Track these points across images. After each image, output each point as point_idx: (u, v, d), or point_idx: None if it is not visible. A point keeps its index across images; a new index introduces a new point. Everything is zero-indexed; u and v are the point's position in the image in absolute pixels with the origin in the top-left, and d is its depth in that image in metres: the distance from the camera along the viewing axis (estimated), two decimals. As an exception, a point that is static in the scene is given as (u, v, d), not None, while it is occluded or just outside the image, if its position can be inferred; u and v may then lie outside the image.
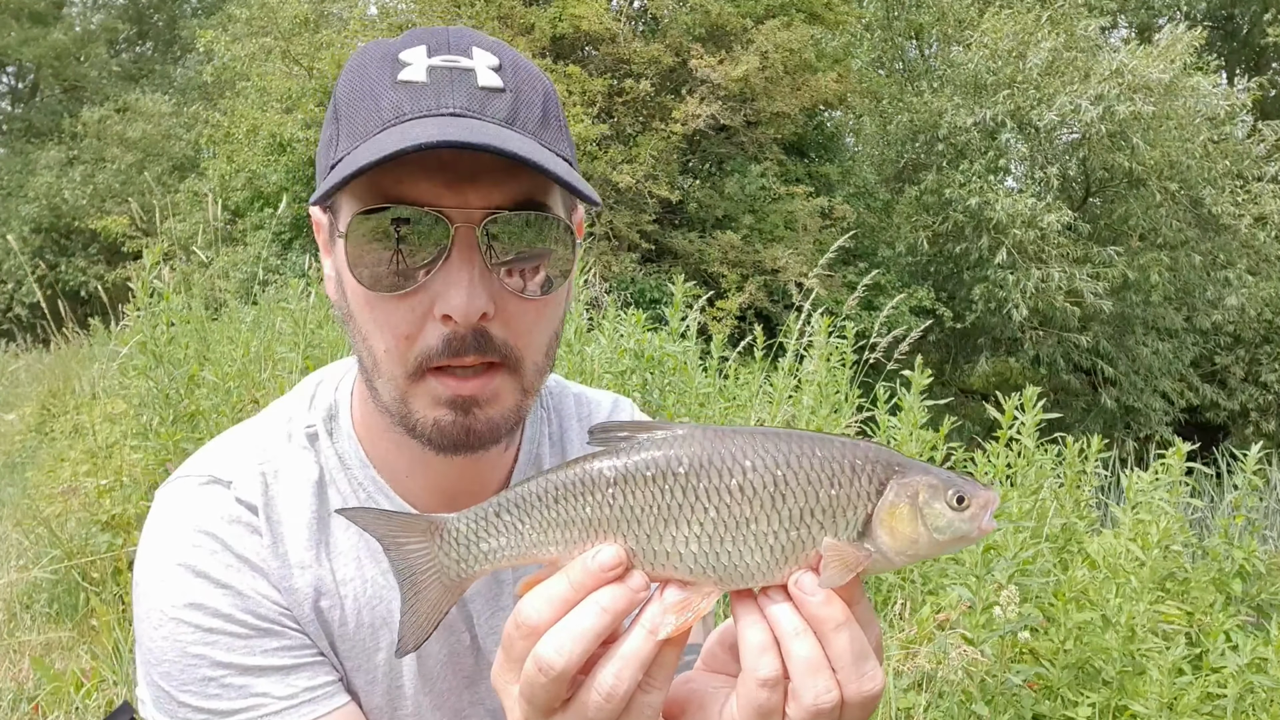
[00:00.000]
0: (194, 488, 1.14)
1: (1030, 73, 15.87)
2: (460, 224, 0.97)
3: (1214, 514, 4.93)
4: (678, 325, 4.70)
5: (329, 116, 1.06)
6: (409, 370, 1.01)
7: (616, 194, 14.14)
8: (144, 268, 4.62)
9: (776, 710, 0.81)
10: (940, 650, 3.14)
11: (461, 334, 0.99)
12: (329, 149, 1.04)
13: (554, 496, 0.83)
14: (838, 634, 0.80)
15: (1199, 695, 2.96)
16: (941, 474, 0.84)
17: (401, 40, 1.06)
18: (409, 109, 0.99)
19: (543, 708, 0.82)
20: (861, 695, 0.81)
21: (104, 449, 5.29)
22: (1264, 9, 23.52)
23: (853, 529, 0.82)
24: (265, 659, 1.07)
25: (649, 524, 0.81)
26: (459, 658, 1.21)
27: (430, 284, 0.98)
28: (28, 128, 28.47)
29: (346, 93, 1.03)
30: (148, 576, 1.09)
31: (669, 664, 0.82)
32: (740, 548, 0.81)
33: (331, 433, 1.18)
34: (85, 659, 3.89)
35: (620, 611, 0.80)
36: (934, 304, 15.79)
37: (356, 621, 1.14)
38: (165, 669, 1.07)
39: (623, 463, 0.81)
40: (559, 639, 0.79)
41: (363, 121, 1.00)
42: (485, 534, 0.85)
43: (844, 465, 0.82)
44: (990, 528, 0.85)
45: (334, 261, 1.06)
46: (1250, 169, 16.70)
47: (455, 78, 1.01)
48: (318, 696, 1.09)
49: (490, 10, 14.71)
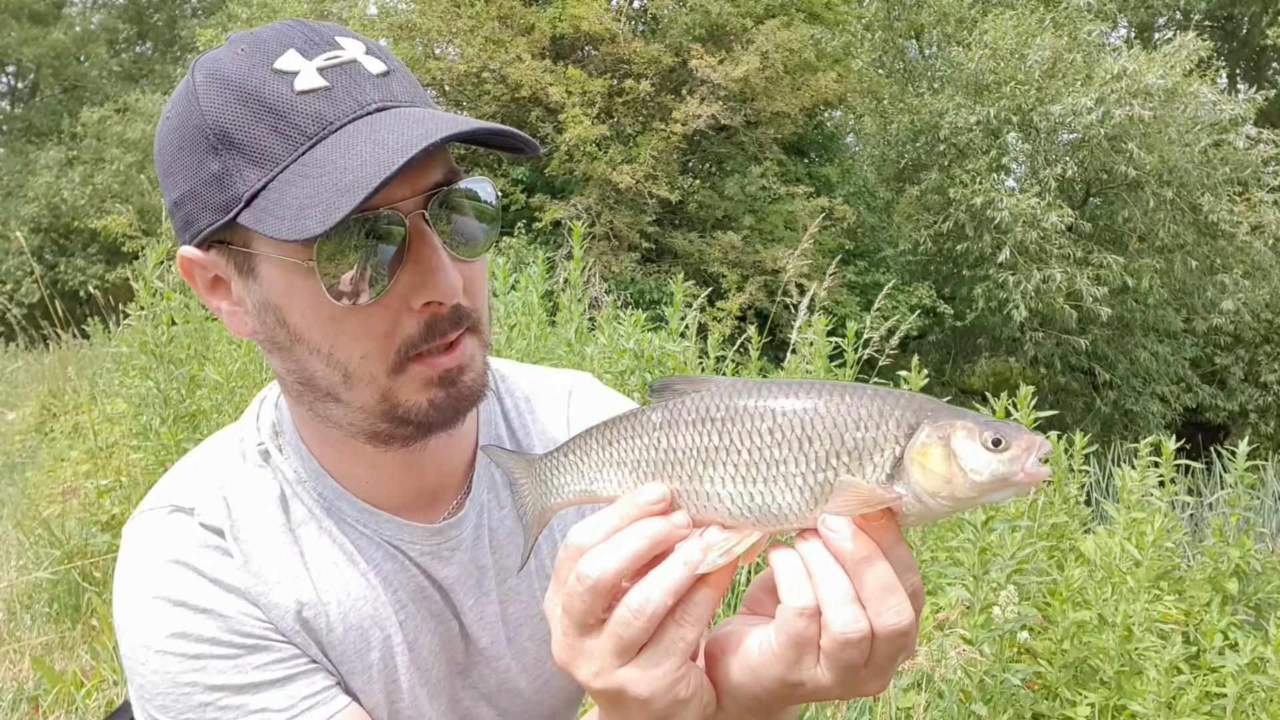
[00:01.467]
0: (159, 520, 1.13)
1: (1032, 73, 15.88)
2: (411, 213, 0.98)
3: (1208, 512, 4.94)
4: (677, 325, 4.70)
5: (202, 147, 0.99)
6: (390, 366, 1.02)
7: (616, 194, 14.15)
8: (145, 267, 4.63)
9: (812, 640, 0.84)
10: (939, 650, 3.15)
11: (443, 315, 1.02)
12: (223, 182, 0.98)
13: (609, 439, 0.91)
14: (862, 568, 0.82)
15: (1198, 694, 2.96)
16: (980, 418, 0.84)
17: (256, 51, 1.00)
18: (332, 115, 0.97)
19: (579, 621, 0.86)
20: (888, 629, 0.82)
21: (104, 449, 5.30)
22: (1264, 10, 23.54)
23: (881, 470, 0.83)
24: (258, 674, 1.07)
25: (690, 466, 0.87)
26: (450, 646, 1.22)
27: (400, 279, 0.99)
28: (27, 128, 28.49)
29: (230, 116, 0.97)
30: (127, 614, 1.09)
31: (704, 603, 0.85)
32: (772, 488, 0.85)
33: (281, 449, 1.18)
34: (85, 659, 3.89)
35: (659, 539, 0.85)
36: (934, 302, 15.80)
37: (344, 625, 1.14)
38: (160, 702, 1.06)
39: (669, 409, 0.89)
40: (599, 553, 0.84)
41: (276, 142, 0.96)
42: (557, 470, 0.95)
43: (872, 409, 0.84)
44: (1040, 473, 0.83)
45: (258, 293, 1.03)
46: (1250, 177, 16.68)
47: (350, 72, 1.00)
48: (318, 702, 1.09)
49: (490, 10, 14.72)
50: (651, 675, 0.84)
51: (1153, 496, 3.69)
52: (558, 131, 14.12)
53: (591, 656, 0.86)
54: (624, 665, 0.85)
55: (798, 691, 0.87)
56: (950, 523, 3.85)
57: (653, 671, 0.84)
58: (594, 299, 7.08)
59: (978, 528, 2.90)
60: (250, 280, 1.03)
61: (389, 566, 1.17)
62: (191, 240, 1.05)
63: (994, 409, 4.01)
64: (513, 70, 14.26)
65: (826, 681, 0.85)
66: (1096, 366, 16.83)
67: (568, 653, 0.88)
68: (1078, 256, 15.67)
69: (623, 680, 0.85)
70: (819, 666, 0.85)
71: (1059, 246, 15.52)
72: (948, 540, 3.75)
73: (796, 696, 0.89)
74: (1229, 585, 3.59)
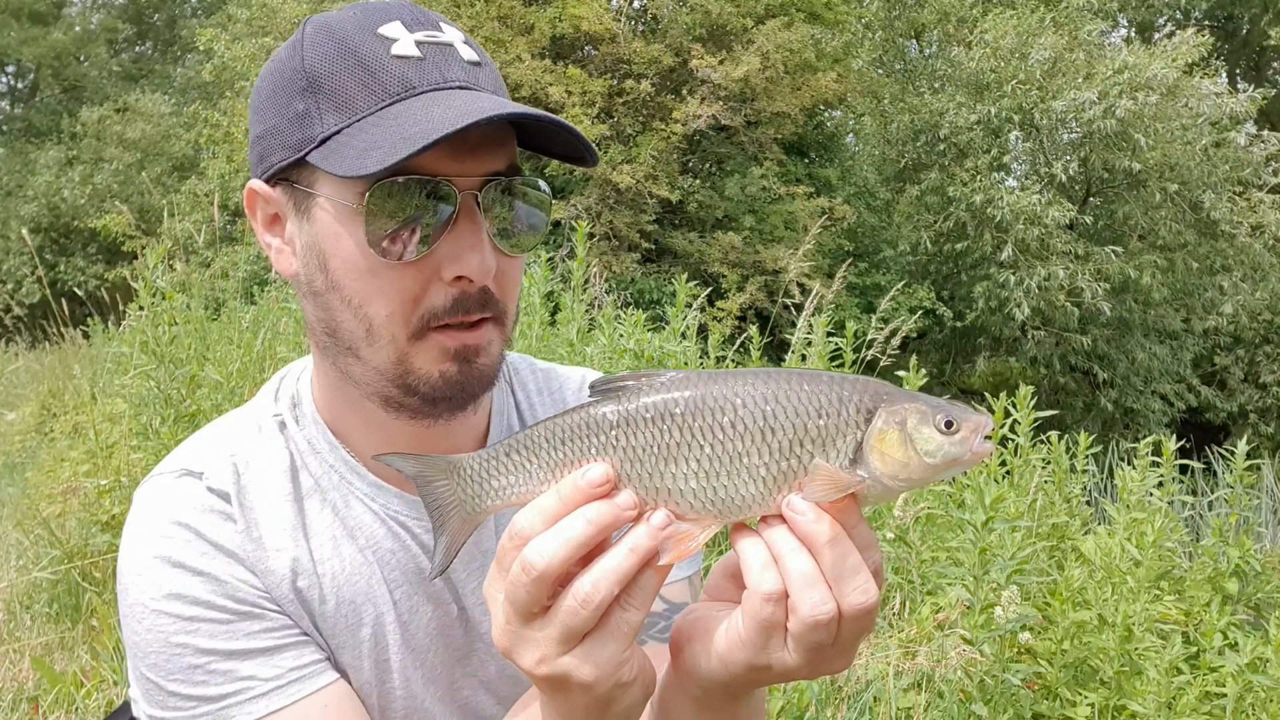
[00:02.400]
0: (168, 483, 1.16)
1: (1033, 71, 15.88)
2: (465, 191, 1.02)
3: (1208, 511, 4.94)
4: (679, 325, 4.70)
5: (294, 89, 1.05)
6: (412, 331, 1.05)
7: (617, 194, 14.15)
8: (146, 267, 4.63)
9: (779, 624, 0.85)
10: (939, 650, 3.15)
11: (471, 293, 1.05)
12: (304, 121, 1.04)
13: (560, 439, 0.88)
14: (828, 549, 0.83)
15: (1198, 694, 2.96)
16: (931, 400, 0.87)
17: (365, 15, 1.07)
18: (417, 82, 1.02)
19: (523, 609, 0.85)
20: (855, 608, 0.84)
21: (104, 449, 5.29)
22: (1264, 10, 23.54)
23: (843, 457, 0.85)
24: (248, 642, 1.09)
25: (650, 463, 0.86)
26: (448, 630, 1.22)
27: (439, 248, 1.02)
28: (27, 127, 28.50)
29: (327, 65, 1.03)
30: (128, 572, 1.12)
31: (649, 587, 0.85)
32: (735, 481, 0.85)
33: (298, 420, 1.21)
34: (85, 659, 3.89)
35: (605, 525, 0.84)
36: (934, 303, 15.80)
37: (336, 599, 1.15)
38: (151, 661, 1.08)
39: (624, 407, 0.87)
40: (543, 541, 0.83)
41: (361, 94, 1.02)
42: (496, 472, 0.91)
43: (831, 397, 0.85)
44: (984, 450, 0.86)
45: (308, 234, 1.07)
46: (1251, 176, 16.69)
47: (444, 53, 1.06)
48: (305, 675, 1.10)
49: (490, 10, 14.72)
50: (596, 661, 0.85)
51: (1153, 496, 3.69)
52: (558, 131, 14.09)
53: (535, 644, 0.86)
54: (568, 652, 0.85)
55: (765, 675, 0.88)
56: (950, 523, 3.85)
57: (597, 657, 0.85)
58: (594, 299, 7.09)
59: (978, 528, 2.90)
60: (304, 220, 1.07)
61: (390, 545, 1.18)
62: (263, 175, 1.09)
63: (994, 409, 4.01)
64: (513, 70, 14.26)
65: (794, 663, 0.86)
66: (1096, 366, 16.84)
67: (509, 639, 0.87)
68: (1079, 253, 15.68)
69: (567, 667, 0.85)
70: (786, 649, 0.86)
71: (1061, 243, 15.53)
72: (948, 540, 3.75)
73: (764, 679, 0.90)
74: (1229, 585, 3.59)
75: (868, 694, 3.05)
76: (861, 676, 3.17)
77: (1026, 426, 4.01)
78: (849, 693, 3.10)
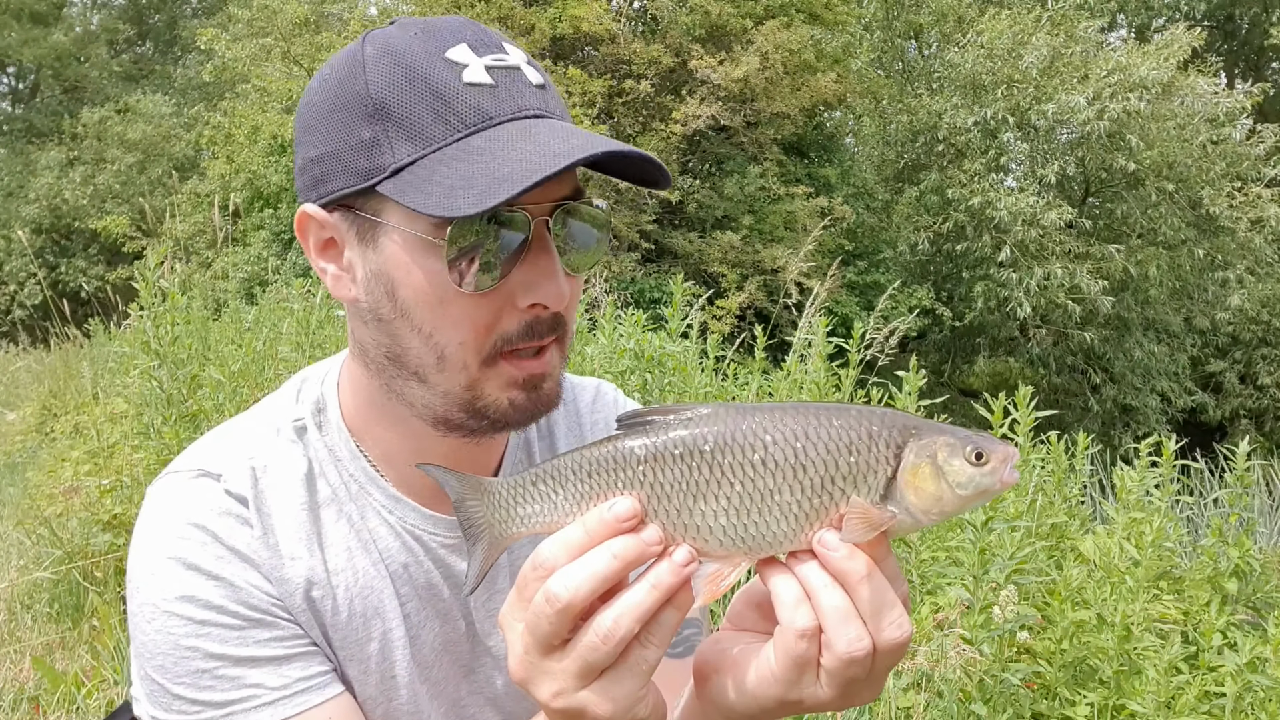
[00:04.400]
0: (184, 482, 1.15)
1: (1028, 72, 15.89)
2: (537, 218, 1.02)
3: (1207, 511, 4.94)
4: (677, 325, 4.70)
5: (358, 114, 1.02)
6: (484, 358, 1.05)
7: (617, 194, 14.15)
8: (147, 267, 4.64)
9: (813, 661, 0.85)
10: (939, 650, 3.15)
11: (544, 319, 1.05)
12: (372, 150, 1.01)
13: (587, 471, 0.88)
14: (863, 585, 0.84)
15: (1197, 694, 2.97)
16: (959, 432, 0.87)
17: (430, 38, 1.04)
18: (494, 112, 1.01)
19: (543, 641, 0.85)
20: (891, 643, 0.84)
21: (105, 449, 5.30)
22: (1265, 9, 23.54)
23: (874, 493, 0.85)
24: (258, 649, 1.08)
25: (678, 500, 0.85)
26: (455, 645, 1.22)
27: (513, 276, 1.02)
28: (28, 128, 28.48)
29: (395, 92, 1.00)
30: (140, 571, 1.11)
31: (668, 624, 0.85)
32: (766, 518, 0.85)
33: (320, 425, 1.20)
34: (86, 659, 3.89)
35: (630, 560, 0.84)
36: (933, 304, 15.81)
37: (349, 611, 1.15)
38: (159, 662, 1.07)
39: (652, 441, 0.86)
40: (569, 574, 0.83)
41: (436, 124, 1.00)
42: (522, 500, 0.91)
43: (861, 433, 0.85)
44: (1012, 479, 0.87)
45: (374, 262, 1.05)
46: (1249, 171, 16.71)
47: (514, 77, 1.04)
48: (311, 687, 1.09)
49: (490, 11, 14.72)
50: (613, 696, 0.85)
51: (1152, 496, 3.70)
52: (558, 132, 14.11)
53: (553, 676, 0.86)
54: (585, 687, 0.85)
55: (795, 708, 0.88)
56: (950, 523, 3.86)
57: (614, 692, 0.85)
58: (594, 299, 7.09)
59: (977, 528, 2.91)
60: (368, 249, 1.05)
61: (404, 559, 1.18)
62: (318, 199, 1.07)
63: (993, 409, 4.01)
64: (513, 70, 14.26)
65: (826, 697, 0.86)
66: (1095, 366, 16.84)
67: (526, 671, 0.87)
68: (1078, 252, 15.69)
69: (584, 702, 0.85)
70: (819, 684, 0.86)
71: (1059, 243, 15.54)
72: (947, 540, 3.76)
73: (793, 711, 0.90)
74: (1228, 585, 3.60)
75: (867, 693, 3.04)
76: (861, 676, 3.17)
77: (1026, 426, 4.01)
78: (849, 692, 3.10)
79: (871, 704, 3.01)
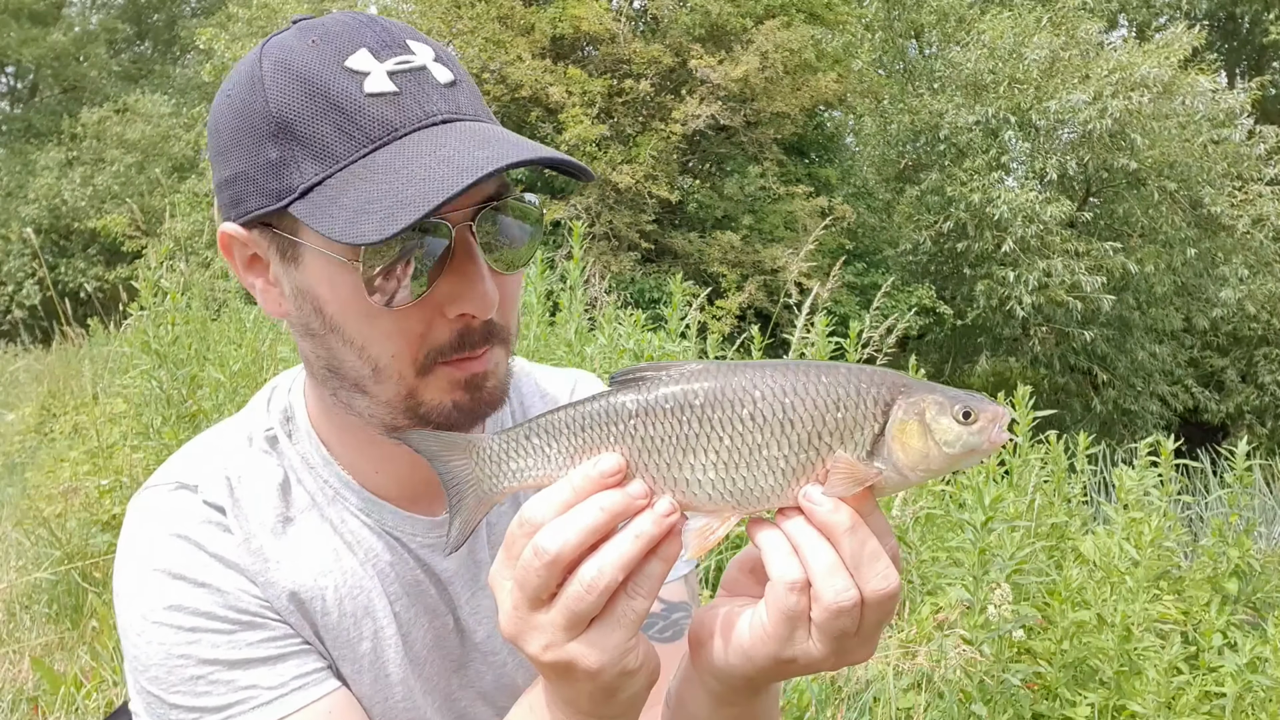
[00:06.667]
0: (162, 495, 1.15)
1: (1030, 71, 15.89)
2: (459, 225, 1.00)
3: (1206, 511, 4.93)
4: (677, 325, 4.70)
5: (262, 133, 1.00)
6: (419, 368, 1.04)
7: (616, 194, 14.15)
8: (147, 267, 4.64)
9: (804, 615, 0.86)
10: (939, 650, 3.15)
11: (475, 327, 1.04)
12: (280, 170, 0.99)
13: (580, 425, 0.89)
14: (848, 537, 0.85)
15: (1197, 694, 2.97)
16: (949, 391, 0.88)
17: (327, 45, 1.01)
18: (398, 122, 0.98)
19: (533, 596, 0.86)
20: (878, 594, 0.85)
21: (105, 449, 5.29)
22: (1265, 8, 23.54)
23: (862, 449, 0.86)
24: (251, 651, 1.08)
25: (669, 453, 0.86)
26: (444, 641, 1.22)
27: (438, 286, 1.00)
28: (27, 128, 28.46)
29: (295, 109, 0.98)
30: (126, 586, 1.11)
31: (654, 575, 0.86)
32: (754, 473, 0.86)
33: (290, 434, 1.20)
34: (85, 660, 3.89)
35: (617, 513, 0.85)
36: (934, 303, 15.81)
37: (339, 611, 1.15)
38: (153, 674, 1.08)
39: (644, 397, 0.87)
40: (556, 527, 0.84)
41: (339, 140, 0.97)
42: (514, 454, 0.92)
43: (849, 389, 0.86)
44: (1001, 439, 0.87)
45: (297, 279, 1.04)
46: (1249, 170, 16.71)
47: (419, 80, 1.01)
48: (307, 683, 1.10)
49: (490, 11, 14.72)
50: (602, 647, 0.86)
51: (1151, 496, 3.69)
52: (558, 131, 14.13)
53: (541, 630, 0.87)
54: (574, 639, 0.86)
55: (790, 667, 0.89)
56: (950, 523, 3.85)
57: (603, 644, 0.86)
58: (594, 299, 7.09)
59: (977, 528, 2.90)
60: (291, 266, 1.05)
61: (388, 558, 1.18)
62: (237, 219, 1.06)
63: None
64: (513, 70, 14.27)
65: (819, 654, 0.87)
66: (1095, 366, 16.84)
67: (517, 626, 0.88)
68: (1079, 250, 15.70)
69: (573, 653, 0.86)
70: (811, 639, 0.87)
71: (1060, 240, 15.54)
72: (948, 540, 3.75)
73: (788, 672, 0.91)
74: (1228, 585, 3.60)
75: (867, 694, 3.05)
76: (861, 677, 3.17)
77: (1026, 426, 4.01)
78: (849, 693, 3.10)
79: (871, 705, 3.00)
